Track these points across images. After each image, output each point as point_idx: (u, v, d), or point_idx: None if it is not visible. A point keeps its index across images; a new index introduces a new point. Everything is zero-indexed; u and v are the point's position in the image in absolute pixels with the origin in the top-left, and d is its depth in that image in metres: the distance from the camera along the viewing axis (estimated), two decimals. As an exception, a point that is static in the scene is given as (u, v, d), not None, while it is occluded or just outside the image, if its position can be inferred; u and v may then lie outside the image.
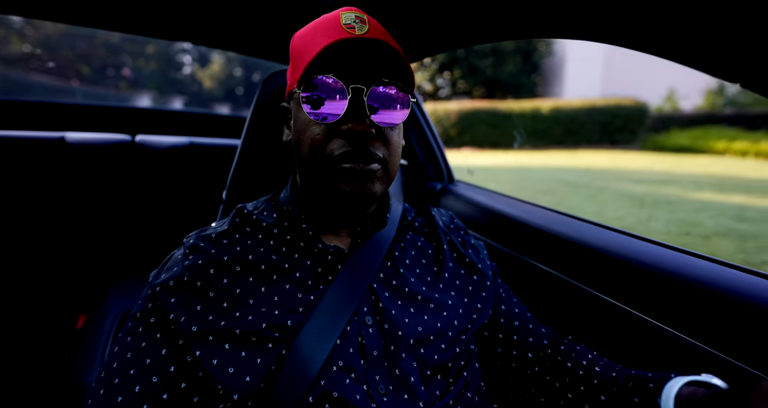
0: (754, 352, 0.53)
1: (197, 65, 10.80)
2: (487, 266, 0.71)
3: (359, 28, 0.53)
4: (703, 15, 0.48)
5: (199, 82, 10.91)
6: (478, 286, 0.67)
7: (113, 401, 0.49)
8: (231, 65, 10.47)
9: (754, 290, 0.56)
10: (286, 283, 0.55)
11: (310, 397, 0.48)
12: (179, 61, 10.37)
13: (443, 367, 0.57)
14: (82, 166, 1.44)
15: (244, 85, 10.06)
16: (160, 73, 9.45)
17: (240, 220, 0.61)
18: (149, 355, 0.51)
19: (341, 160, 0.53)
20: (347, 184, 0.53)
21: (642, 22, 0.55)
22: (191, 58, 10.35)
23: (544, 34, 0.76)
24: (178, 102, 9.63)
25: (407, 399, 0.53)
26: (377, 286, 0.59)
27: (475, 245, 0.73)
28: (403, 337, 0.55)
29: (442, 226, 0.71)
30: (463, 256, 0.68)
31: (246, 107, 0.98)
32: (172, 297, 0.52)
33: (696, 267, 0.64)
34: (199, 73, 10.91)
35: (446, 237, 0.69)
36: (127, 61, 8.32)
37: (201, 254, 0.56)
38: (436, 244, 0.68)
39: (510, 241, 0.99)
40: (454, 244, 0.69)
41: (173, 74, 10.08)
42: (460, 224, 0.76)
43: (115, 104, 1.81)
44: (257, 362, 0.50)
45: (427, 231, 0.70)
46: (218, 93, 10.73)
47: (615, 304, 0.71)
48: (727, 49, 0.49)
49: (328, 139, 0.53)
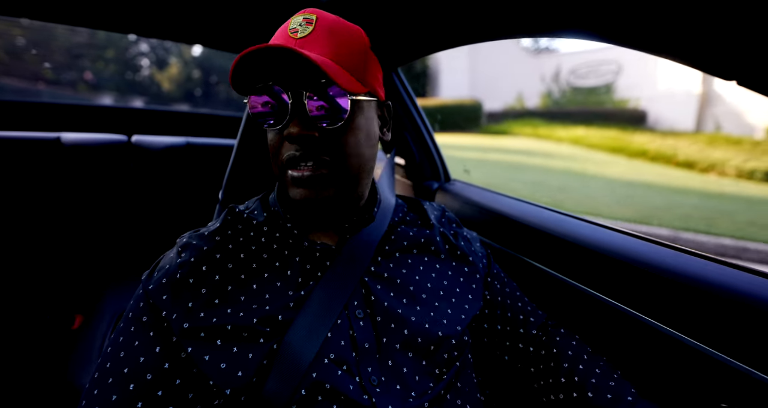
0: (754, 352, 0.53)
1: (155, 68, 11.18)
2: (478, 257, 0.72)
3: (302, 30, 0.53)
4: (699, 13, 0.48)
5: (158, 83, 11.24)
6: (469, 278, 0.68)
7: (108, 400, 0.49)
8: (188, 68, 10.89)
9: (754, 290, 0.56)
10: (277, 280, 0.56)
11: (302, 390, 0.49)
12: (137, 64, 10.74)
13: (436, 357, 0.58)
14: (78, 166, 1.43)
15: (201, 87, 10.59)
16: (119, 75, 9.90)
17: (232, 219, 0.62)
18: (143, 353, 0.51)
19: (289, 166, 0.55)
20: (298, 191, 0.55)
21: (638, 21, 0.55)
22: (149, 61, 10.77)
23: (539, 33, 0.77)
24: (137, 103, 10.04)
25: (400, 389, 0.54)
26: (369, 279, 0.60)
27: (467, 237, 0.75)
28: (395, 328, 0.57)
29: (434, 219, 0.73)
30: (455, 247, 0.70)
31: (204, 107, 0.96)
32: (164, 294, 0.53)
33: (695, 266, 0.64)
34: (158, 75, 11.24)
35: (438, 229, 0.71)
36: (88, 65, 8.62)
37: (193, 252, 0.56)
38: (429, 236, 0.68)
39: (506, 240, 1.00)
40: (447, 236, 0.70)
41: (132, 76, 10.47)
42: (452, 217, 0.77)
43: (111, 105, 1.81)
44: (249, 357, 0.50)
45: (420, 223, 0.71)
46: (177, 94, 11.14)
47: (612, 302, 0.72)
48: (723, 47, 0.49)
49: (280, 145, 0.55)
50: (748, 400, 0.53)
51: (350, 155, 0.55)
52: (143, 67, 11.07)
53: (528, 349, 0.70)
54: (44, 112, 1.62)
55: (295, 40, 0.53)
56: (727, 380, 0.55)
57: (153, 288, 0.54)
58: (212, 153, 1.60)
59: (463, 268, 0.68)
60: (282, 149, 0.55)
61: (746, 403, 0.53)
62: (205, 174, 1.57)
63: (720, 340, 0.57)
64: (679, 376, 0.61)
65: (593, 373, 0.64)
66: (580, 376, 0.64)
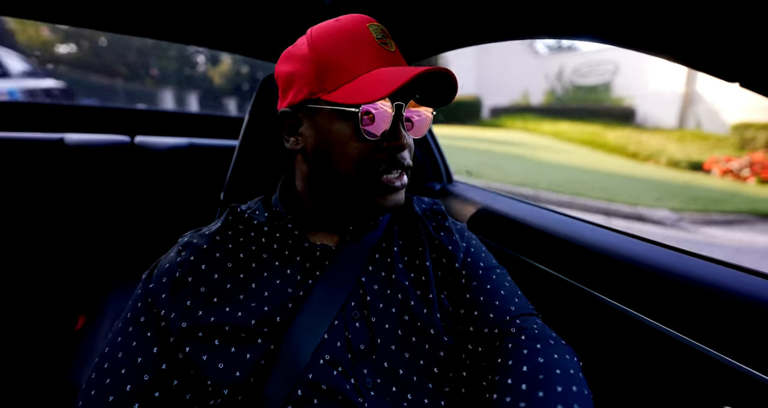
0: (754, 352, 0.53)
1: (209, 64, 12.61)
2: (458, 247, 0.67)
3: (390, 43, 0.56)
4: (702, 16, 0.48)
5: (210, 78, 12.56)
6: (447, 270, 0.65)
7: (104, 401, 0.49)
8: (238, 64, 12.16)
9: (754, 290, 0.56)
10: (276, 279, 0.56)
11: (299, 390, 0.50)
12: (194, 61, 12.07)
13: (434, 356, 0.57)
14: (82, 167, 1.42)
15: (248, 82, 11.82)
16: (179, 71, 11.26)
17: (233, 219, 0.62)
18: (140, 354, 0.51)
19: (383, 174, 0.55)
20: (386, 200, 0.56)
21: (641, 23, 0.56)
22: (204, 58, 12.20)
23: (541, 35, 0.76)
24: (193, 95, 11.57)
25: (395, 391, 0.53)
26: (366, 279, 0.59)
27: (449, 227, 0.70)
28: (390, 329, 0.56)
29: (420, 213, 0.71)
30: (433, 239, 0.67)
31: (251, 99, 0.97)
32: (163, 293, 0.53)
33: (695, 267, 0.64)
34: (211, 70, 12.55)
35: (422, 224, 0.69)
36: (155, 63, 10.12)
37: (193, 251, 0.56)
38: (416, 234, 0.68)
39: (509, 241, 0.99)
40: (428, 229, 0.69)
41: (189, 72, 11.94)
42: (438, 209, 0.74)
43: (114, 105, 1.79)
44: (246, 357, 0.51)
45: (409, 221, 0.70)
46: (227, 88, 12.52)
47: (613, 304, 0.71)
48: (725, 50, 0.49)
49: (370, 154, 0.54)
50: (750, 402, 0.53)
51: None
52: (199, 64, 12.38)
53: (477, 348, 0.60)
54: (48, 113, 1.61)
55: (390, 53, 0.55)
56: (730, 382, 0.55)
57: (152, 287, 0.54)
58: (215, 154, 1.60)
59: (441, 260, 0.66)
60: (373, 159, 0.54)
61: (748, 404, 0.53)
62: (208, 175, 1.57)
63: (721, 341, 0.56)
64: (680, 378, 0.61)
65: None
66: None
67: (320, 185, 0.59)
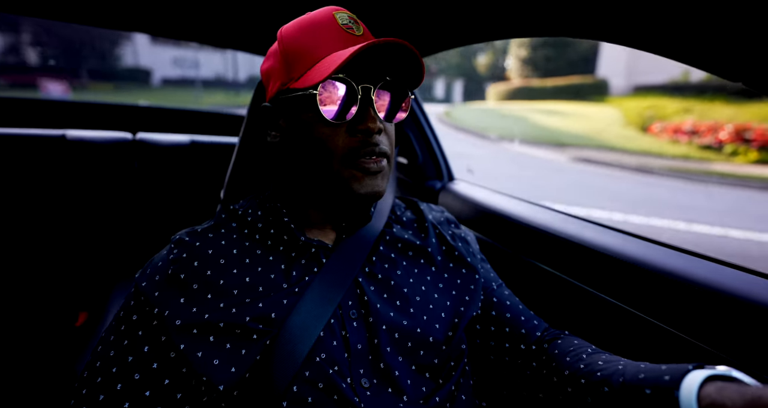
0: (754, 352, 0.54)
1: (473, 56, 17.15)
2: (477, 260, 0.70)
3: (356, 28, 0.56)
4: (705, 14, 0.48)
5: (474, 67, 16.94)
6: (467, 279, 0.67)
7: (95, 399, 0.49)
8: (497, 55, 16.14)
9: (754, 290, 0.56)
10: (270, 274, 0.56)
11: (294, 387, 0.49)
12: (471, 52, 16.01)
13: (430, 361, 0.57)
14: (83, 163, 1.44)
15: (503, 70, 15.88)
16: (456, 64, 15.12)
17: (226, 216, 0.62)
18: (131, 352, 0.51)
19: (357, 157, 0.54)
20: (361, 185, 0.54)
21: (646, 22, 0.56)
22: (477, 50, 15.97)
23: (542, 34, 0.77)
24: (458, 83, 15.35)
25: (391, 393, 0.53)
26: (362, 279, 0.59)
27: (466, 238, 0.73)
28: (387, 331, 0.56)
29: (432, 219, 0.72)
30: (452, 248, 0.68)
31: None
32: (156, 291, 0.53)
33: (695, 267, 0.65)
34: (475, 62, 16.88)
35: (435, 230, 0.70)
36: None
37: (185, 248, 0.56)
38: (424, 237, 0.68)
39: (509, 240, 0.99)
40: (444, 237, 0.69)
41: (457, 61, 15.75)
42: (450, 218, 0.76)
43: (116, 102, 1.81)
44: (242, 353, 0.50)
45: (416, 225, 0.70)
46: (485, 76, 16.57)
47: (614, 303, 0.72)
48: (729, 48, 0.49)
49: (341, 139, 0.54)
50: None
51: (393, 148, 0.58)
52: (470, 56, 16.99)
53: (531, 350, 0.65)
54: (49, 109, 1.63)
55: (356, 37, 0.54)
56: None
57: (146, 285, 0.53)
58: (217, 151, 1.60)
59: (461, 270, 0.67)
60: (344, 143, 0.54)
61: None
62: (210, 172, 1.57)
63: (722, 341, 0.57)
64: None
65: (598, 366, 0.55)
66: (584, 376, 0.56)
67: (300, 176, 0.59)
